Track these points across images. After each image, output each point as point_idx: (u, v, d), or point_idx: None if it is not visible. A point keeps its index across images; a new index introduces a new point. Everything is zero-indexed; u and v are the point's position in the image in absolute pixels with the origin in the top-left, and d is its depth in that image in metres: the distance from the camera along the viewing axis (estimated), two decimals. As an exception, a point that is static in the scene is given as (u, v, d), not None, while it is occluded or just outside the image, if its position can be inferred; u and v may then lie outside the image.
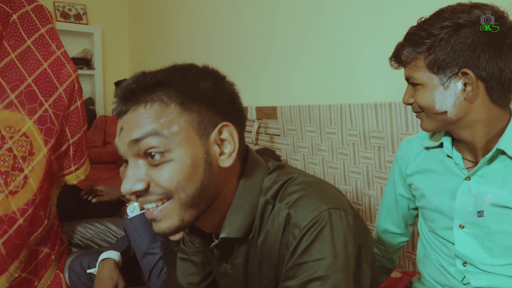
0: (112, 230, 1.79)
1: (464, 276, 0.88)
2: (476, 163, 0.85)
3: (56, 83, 1.48)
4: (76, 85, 1.55)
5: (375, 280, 0.77)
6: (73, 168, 1.55)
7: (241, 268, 0.72)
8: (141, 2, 3.13)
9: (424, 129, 0.88)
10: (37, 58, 1.46)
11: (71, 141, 1.52)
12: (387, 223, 1.08)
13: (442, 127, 0.86)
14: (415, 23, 0.83)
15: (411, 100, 0.87)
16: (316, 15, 1.56)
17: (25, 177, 1.35)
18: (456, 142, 0.88)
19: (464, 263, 0.87)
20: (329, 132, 1.51)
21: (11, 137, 1.33)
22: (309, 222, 0.60)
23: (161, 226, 0.62)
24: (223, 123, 0.62)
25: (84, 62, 3.09)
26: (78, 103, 1.55)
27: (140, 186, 0.59)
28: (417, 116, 0.89)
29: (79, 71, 1.69)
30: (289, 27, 1.69)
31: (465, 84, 0.78)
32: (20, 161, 1.34)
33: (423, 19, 0.82)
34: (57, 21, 2.96)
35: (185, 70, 0.63)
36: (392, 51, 0.87)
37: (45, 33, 1.51)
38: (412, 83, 0.85)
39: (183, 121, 0.60)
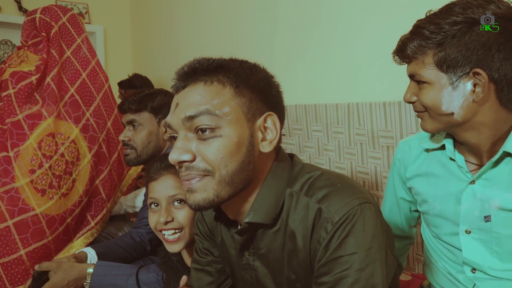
0: (112, 232, 1.77)
1: (474, 284, 0.84)
2: (479, 165, 0.81)
3: (94, 92, 1.59)
4: (110, 95, 1.66)
5: (399, 270, 0.80)
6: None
7: (265, 260, 0.73)
8: (143, 1, 3.11)
9: (425, 130, 0.84)
10: (77, 68, 1.56)
11: (119, 147, 1.68)
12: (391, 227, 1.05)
13: (445, 129, 0.81)
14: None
15: (414, 99, 0.82)
16: (322, 10, 1.53)
17: (73, 180, 1.47)
18: (458, 144, 0.84)
19: (473, 270, 0.84)
20: (336, 132, 1.49)
21: (62, 143, 1.45)
22: (342, 217, 0.62)
23: (197, 197, 0.65)
24: (269, 112, 0.68)
25: (86, 61, 3.07)
26: (115, 111, 1.67)
27: (187, 157, 0.64)
28: (418, 116, 0.84)
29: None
30: (294, 23, 1.66)
31: (474, 85, 0.73)
32: (70, 166, 1.47)
33: (432, 12, 0.77)
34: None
35: (242, 62, 0.71)
36: (396, 45, 0.82)
37: (81, 43, 1.61)
38: (417, 81, 0.80)
39: (234, 103, 0.65)
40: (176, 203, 1.03)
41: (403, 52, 0.80)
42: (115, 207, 1.72)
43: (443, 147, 0.86)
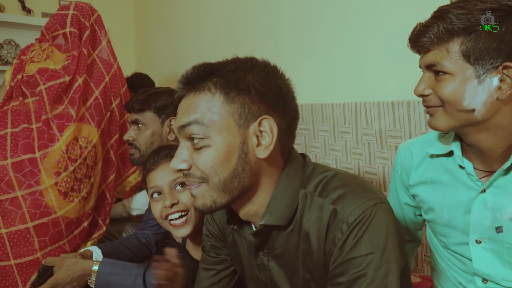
0: (115, 234, 1.76)
1: None
2: (488, 172, 0.77)
3: (112, 98, 1.57)
4: (125, 101, 1.62)
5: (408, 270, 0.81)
6: (131, 170, 1.72)
7: (280, 260, 0.73)
8: (147, 1, 3.11)
9: (434, 128, 0.76)
10: (101, 71, 1.54)
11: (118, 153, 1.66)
12: None
13: (459, 128, 0.75)
14: None
15: (428, 91, 0.74)
16: (328, 7, 1.51)
17: (92, 184, 1.47)
18: (465, 148, 0.79)
19: (484, 280, 0.81)
20: (343, 132, 1.47)
21: (85, 147, 1.44)
22: (357, 218, 0.63)
23: (198, 203, 0.68)
24: (264, 116, 0.66)
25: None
26: (126, 117, 1.64)
27: (183, 166, 0.67)
28: (428, 112, 0.77)
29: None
30: (299, 20, 1.65)
31: (500, 81, 0.68)
32: (90, 170, 1.47)
33: None
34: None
35: (240, 63, 0.68)
36: (413, 30, 0.74)
37: (105, 45, 1.59)
38: (437, 71, 0.72)
39: (224, 111, 0.65)
40: (178, 186, 1.05)
41: (423, 38, 0.72)
42: (118, 210, 1.73)
43: (450, 153, 0.81)
